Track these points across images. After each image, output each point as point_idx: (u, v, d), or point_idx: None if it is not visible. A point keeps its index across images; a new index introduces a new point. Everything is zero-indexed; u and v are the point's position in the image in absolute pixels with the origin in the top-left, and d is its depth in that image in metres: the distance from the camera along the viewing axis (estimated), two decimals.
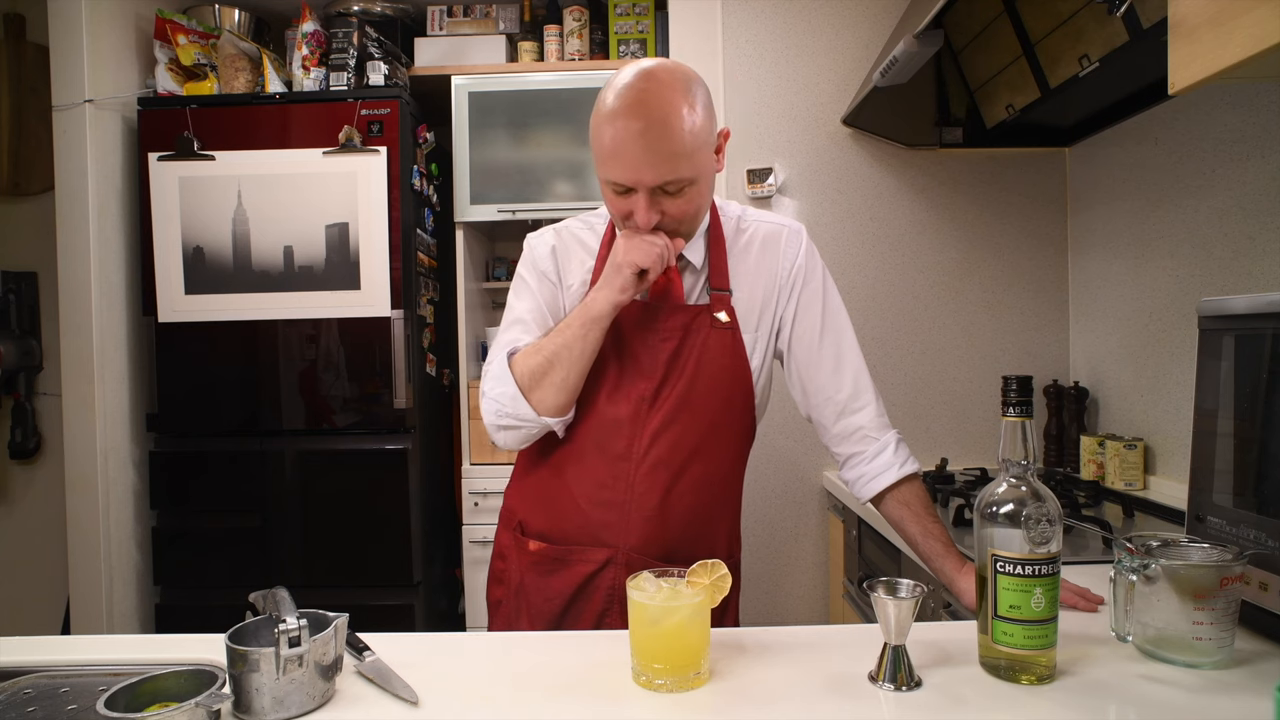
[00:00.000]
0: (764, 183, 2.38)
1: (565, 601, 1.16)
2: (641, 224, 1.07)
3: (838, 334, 1.22)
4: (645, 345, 1.15)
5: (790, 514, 2.41)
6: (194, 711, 0.72)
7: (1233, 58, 0.90)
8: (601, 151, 1.06)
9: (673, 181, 1.05)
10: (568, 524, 1.17)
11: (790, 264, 1.22)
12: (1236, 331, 0.99)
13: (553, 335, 1.12)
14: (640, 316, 1.16)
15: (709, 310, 1.17)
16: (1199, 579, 0.86)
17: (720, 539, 1.22)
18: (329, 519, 2.29)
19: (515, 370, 1.13)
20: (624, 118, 1.03)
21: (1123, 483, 1.90)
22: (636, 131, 1.02)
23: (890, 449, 1.19)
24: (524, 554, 1.20)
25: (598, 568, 1.15)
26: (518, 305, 1.23)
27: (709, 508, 1.19)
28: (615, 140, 1.03)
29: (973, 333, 2.39)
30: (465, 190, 2.43)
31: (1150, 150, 1.92)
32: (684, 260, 1.18)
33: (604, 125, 1.05)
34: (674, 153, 1.03)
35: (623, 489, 1.14)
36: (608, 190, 1.10)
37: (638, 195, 1.06)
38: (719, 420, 1.17)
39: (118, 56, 2.34)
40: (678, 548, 1.15)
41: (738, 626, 1.22)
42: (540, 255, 1.23)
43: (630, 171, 1.04)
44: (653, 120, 1.02)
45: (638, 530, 1.14)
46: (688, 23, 2.39)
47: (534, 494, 1.22)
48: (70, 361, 2.25)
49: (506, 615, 1.22)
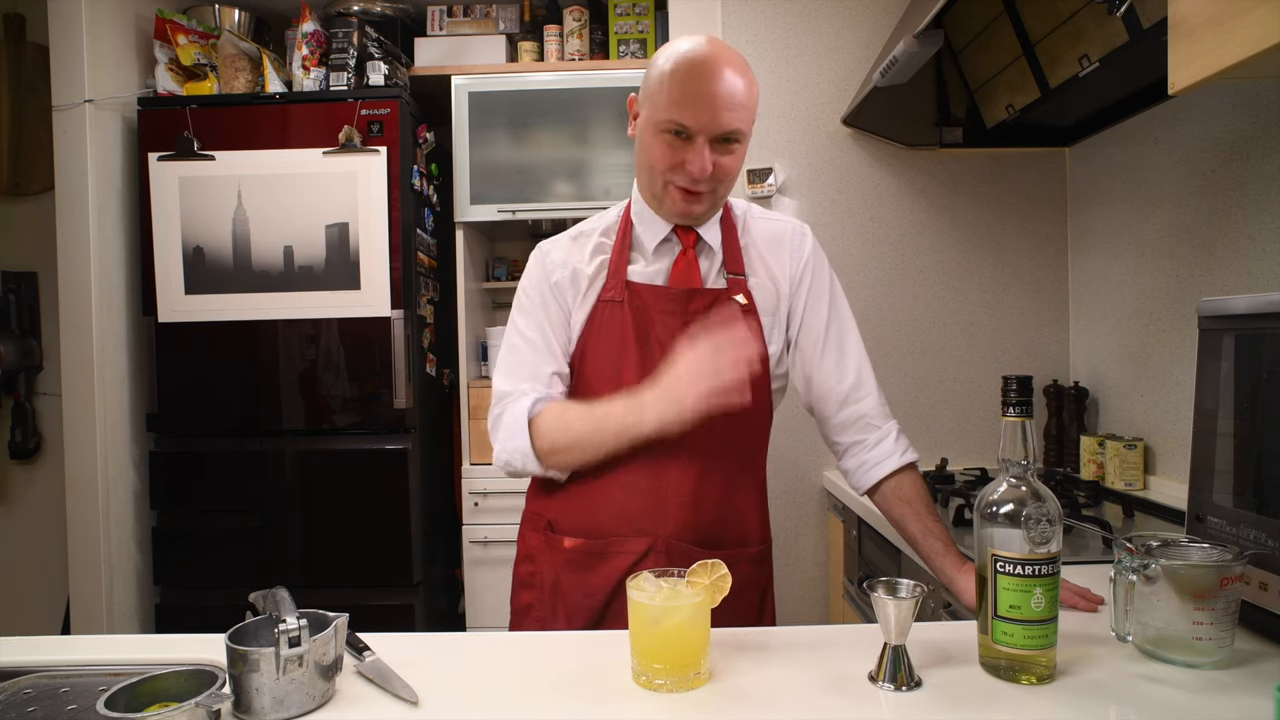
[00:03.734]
0: (764, 183, 2.38)
1: (606, 596, 1.14)
2: (697, 171, 1.08)
3: (842, 327, 1.23)
4: (668, 329, 1.15)
5: (790, 514, 2.41)
6: (194, 711, 0.72)
7: (1233, 58, 0.90)
8: (672, 94, 1.07)
9: (735, 131, 1.09)
10: (603, 517, 1.15)
11: (800, 260, 1.23)
12: (1236, 331, 0.99)
13: (586, 419, 1.12)
14: (661, 300, 1.16)
15: (728, 293, 1.17)
16: (1199, 579, 0.86)
17: (753, 522, 1.21)
18: (329, 519, 2.29)
19: (535, 434, 1.14)
20: (702, 64, 1.07)
21: (1123, 483, 1.90)
22: (715, 76, 1.06)
23: (891, 437, 1.21)
24: (558, 553, 1.18)
25: (638, 558, 1.12)
26: (522, 323, 1.21)
27: (740, 492, 1.19)
28: (691, 78, 1.06)
29: (973, 333, 2.39)
30: (465, 190, 2.43)
31: (1150, 150, 1.92)
32: (702, 243, 1.19)
33: (678, 69, 1.07)
34: (742, 104, 1.08)
35: (657, 477, 1.13)
36: (661, 139, 1.10)
37: (695, 143, 1.08)
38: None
39: (118, 56, 2.34)
40: (712, 532, 1.15)
41: (775, 625, 1.21)
42: (555, 263, 1.21)
43: (704, 113, 1.06)
44: (729, 69, 1.07)
45: (674, 517, 1.13)
46: (688, 23, 2.39)
47: (563, 491, 1.20)
48: (70, 361, 2.25)
49: (540, 618, 1.19)
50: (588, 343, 1.18)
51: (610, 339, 1.17)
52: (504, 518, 2.39)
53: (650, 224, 1.19)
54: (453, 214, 2.47)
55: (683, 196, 1.13)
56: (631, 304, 1.16)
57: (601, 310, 1.18)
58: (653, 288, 1.17)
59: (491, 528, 2.40)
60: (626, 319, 1.16)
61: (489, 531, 2.40)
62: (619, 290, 1.17)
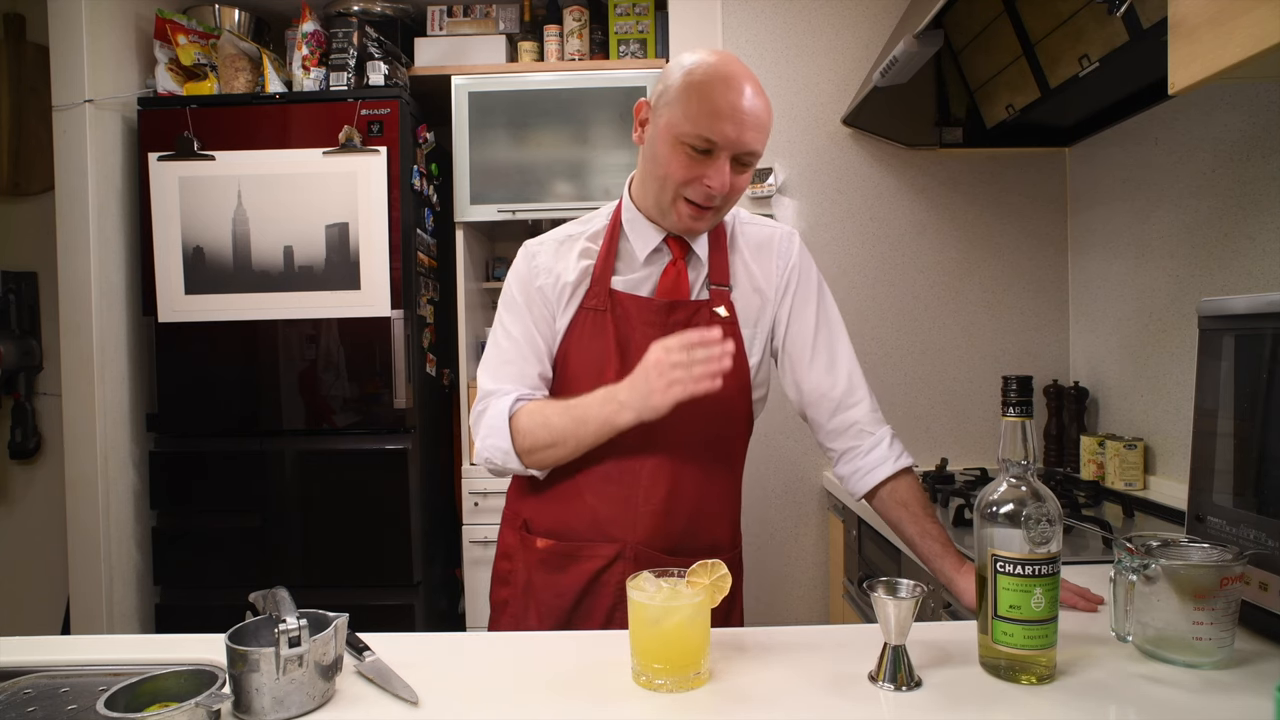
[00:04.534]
0: (764, 183, 2.38)
1: (575, 598, 1.16)
2: (717, 187, 1.08)
3: (831, 332, 1.23)
4: (648, 339, 1.14)
5: (790, 514, 2.41)
6: (194, 711, 0.72)
7: (1233, 58, 0.90)
8: (701, 107, 1.06)
9: (753, 153, 1.10)
10: (575, 520, 1.17)
11: (785, 265, 1.23)
12: (1236, 331, 0.99)
13: (565, 415, 1.12)
14: (643, 311, 1.17)
15: (709, 305, 1.18)
16: (1199, 579, 0.86)
17: (724, 532, 1.23)
18: (329, 519, 2.29)
19: (516, 432, 1.15)
20: (733, 80, 1.07)
21: (1123, 483, 1.90)
22: (739, 90, 1.07)
23: (885, 443, 1.20)
24: (531, 552, 1.20)
25: (606, 563, 1.15)
26: (508, 321, 1.22)
27: (713, 501, 1.20)
28: (719, 93, 1.06)
29: (973, 333, 2.39)
30: (465, 190, 2.43)
31: (1150, 150, 1.92)
32: (691, 255, 1.20)
33: (708, 83, 1.07)
34: (765, 124, 1.10)
35: (629, 483, 1.15)
36: (680, 151, 1.09)
37: (718, 160, 1.08)
38: (720, 413, 1.17)
39: (118, 56, 2.34)
40: (683, 541, 1.16)
41: (743, 626, 1.22)
42: (540, 267, 1.21)
43: (734, 129, 1.06)
44: (755, 89, 1.09)
45: (645, 524, 1.15)
46: (688, 23, 2.39)
47: (539, 492, 1.22)
48: (70, 361, 2.25)
49: (514, 614, 1.22)
50: (569, 348, 1.19)
51: (592, 346, 1.18)
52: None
53: (643, 232, 1.19)
54: (453, 214, 2.47)
55: (691, 212, 1.12)
56: (614, 313, 1.17)
57: (584, 317, 1.18)
58: (635, 298, 1.17)
59: (491, 528, 2.39)
60: (608, 327, 1.16)
61: (489, 531, 2.39)
62: (602, 299, 1.18)
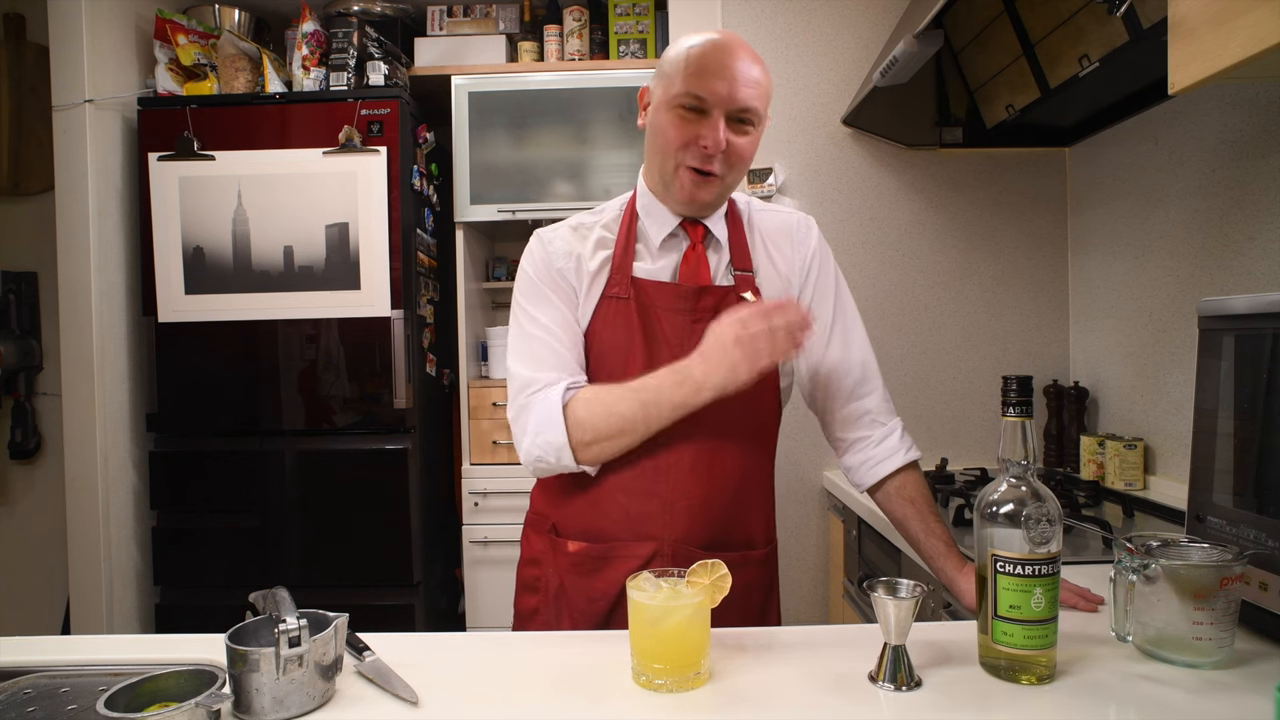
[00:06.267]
0: (764, 183, 2.38)
1: (611, 602, 1.11)
2: (711, 145, 1.07)
3: (847, 320, 1.23)
4: (676, 327, 1.13)
5: (790, 514, 2.41)
6: (194, 711, 0.72)
7: (1233, 58, 0.90)
8: (689, 67, 1.07)
9: (751, 110, 1.09)
10: (607, 520, 1.12)
11: (806, 253, 1.22)
12: (1236, 331, 0.99)
13: (630, 401, 1.05)
14: (670, 298, 1.14)
15: (736, 290, 1.15)
16: (1199, 579, 0.86)
17: (759, 524, 1.19)
18: (329, 519, 2.29)
19: (572, 424, 1.07)
20: (722, 43, 1.08)
21: (1123, 483, 1.90)
22: (731, 51, 1.08)
23: (896, 434, 1.20)
24: (562, 556, 1.15)
25: (643, 563, 1.09)
26: (534, 310, 1.15)
27: (750, 491, 1.17)
28: (709, 54, 1.07)
29: (973, 333, 2.39)
30: (465, 190, 2.43)
31: (1150, 150, 1.92)
32: (711, 237, 1.18)
33: (696, 48, 1.08)
34: (759, 83, 1.10)
35: (664, 478, 1.10)
36: (675, 115, 1.08)
37: (711, 117, 1.07)
38: (752, 401, 1.12)
39: (118, 56, 2.34)
40: (720, 535, 1.13)
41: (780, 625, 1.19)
42: (558, 251, 1.17)
43: (723, 85, 1.06)
44: (744, 49, 1.09)
45: (683, 520, 1.10)
46: (688, 23, 2.39)
47: (568, 494, 1.17)
48: (70, 361, 2.25)
49: (544, 622, 1.16)
50: (592, 339, 1.15)
51: (616, 336, 1.14)
52: (504, 518, 2.39)
53: (658, 217, 1.17)
54: (453, 214, 2.47)
55: (692, 179, 1.10)
56: (638, 300, 1.13)
57: (606, 306, 1.14)
58: (659, 284, 1.14)
59: (492, 528, 2.40)
60: (633, 316, 1.13)
61: (489, 531, 2.40)
62: (624, 287, 1.14)
